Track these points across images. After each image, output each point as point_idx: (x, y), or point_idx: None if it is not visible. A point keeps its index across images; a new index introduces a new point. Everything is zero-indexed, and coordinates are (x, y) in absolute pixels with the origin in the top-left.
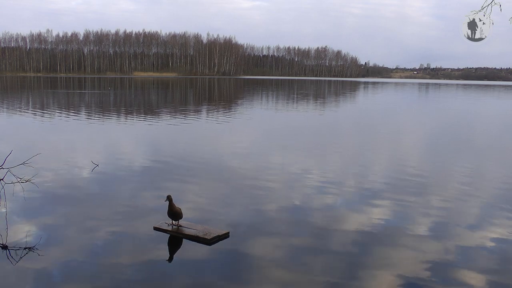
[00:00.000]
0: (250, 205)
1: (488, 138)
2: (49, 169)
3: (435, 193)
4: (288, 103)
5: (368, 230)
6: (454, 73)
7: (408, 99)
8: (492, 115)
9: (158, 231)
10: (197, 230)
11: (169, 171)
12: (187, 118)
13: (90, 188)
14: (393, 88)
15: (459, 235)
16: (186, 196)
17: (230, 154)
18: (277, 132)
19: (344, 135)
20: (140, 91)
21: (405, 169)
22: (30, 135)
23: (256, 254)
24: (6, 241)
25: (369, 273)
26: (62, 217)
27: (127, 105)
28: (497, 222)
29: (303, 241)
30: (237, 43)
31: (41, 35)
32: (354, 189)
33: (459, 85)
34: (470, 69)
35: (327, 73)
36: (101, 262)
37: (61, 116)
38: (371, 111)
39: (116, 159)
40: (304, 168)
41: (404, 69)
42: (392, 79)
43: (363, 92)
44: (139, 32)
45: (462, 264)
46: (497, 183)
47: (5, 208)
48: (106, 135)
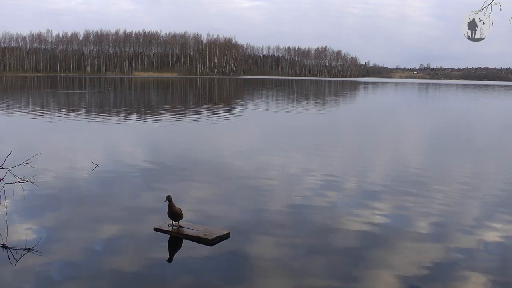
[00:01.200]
0: (250, 205)
1: (488, 138)
2: (49, 169)
3: (436, 193)
4: (288, 103)
5: (369, 230)
6: (454, 73)
7: (408, 99)
8: (492, 115)
9: (158, 232)
10: (198, 231)
11: (169, 171)
12: (187, 118)
13: (90, 188)
14: (393, 88)
15: (460, 236)
16: (186, 196)
17: (230, 154)
18: (277, 132)
19: (345, 135)
20: (140, 91)
21: (405, 169)
22: (30, 135)
23: (258, 254)
24: (6, 241)
25: (371, 274)
26: (62, 217)
27: (127, 105)
28: (498, 223)
29: (304, 241)
30: (237, 43)
31: (41, 35)
32: (355, 189)
33: (459, 85)
34: (470, 69)
35: (327, 73)
36: (101, 263)
37: (61, 116)
38: (371, 111)
39: (116, 159)
40: (304, 168)
41: (404, 69)
42: (392, 79)
43: (363, 92)
44: (139, 32)
45: (463, 265)
46: (497, 183)
47: (5, 208)
48: (106, 135)
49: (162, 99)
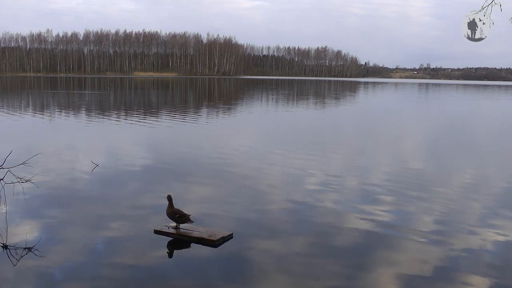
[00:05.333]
0: (251, 206)
1: (490, 138)
2: (49, 169)
3: (437, 193)
4: (288, 104)
5: (371, 231)
6: (454, 73)
7: (408, 99)
8: (492, 115)
9: (160, 235)
10: (201, 232)
11: (169, 171)
12: (187, 118)
13: (90, 188)
14: (393, 89)
15: (462, 236)
16: (186, 197)
17: (230, 154)
18: (277, 132)
19: (345, 135)
20: (140, 91)
21: (406, 170)
22: (30, 135)
23: (262, 255)
24: (6, 241)
25: (373, 275)
26: (62, 217)
27: (127, 105)
28: (501, 223)
29: (307, 241)
30: (237, 43)
31: (41, 35)
32: (356, 190)
33: (459, 85)
34: (470, 69)
35: (327, 73)
36: (101, 263)
37: (61, 116)
38: (371, 111)
39: (116, 159)
40: (305, 168)
41: (404, 69)
42: (392, 79)
43: (363, 92)
44: (139, 32)
45: (464, 265)
46: (501, 183)
47: (5, 208)
48: (106, 135)
49: (162, 99)
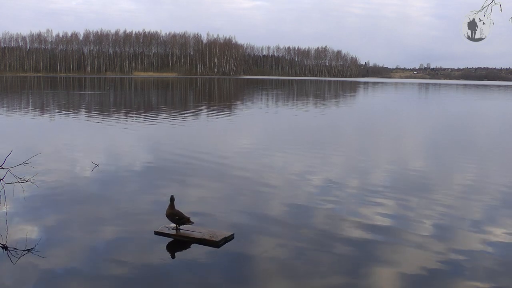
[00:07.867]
0: (251, 206)
1: (490, 138)
2: (49, 169)
3: (438, 194)
4: (289, 104)
5: (372, 231)
6: (454, 73)
7: (408, 99)
8: (492, 115)
9: (160, 235)
10: (202, 233)
11: (169, 171)
12: (188, 118)
13: (90, 188)
14: (393, 89)
15: (462, 236)
16: (186, 197)
17: (231, 154)
18: (278, 132)
19: (345, 135)
20: (140, 91)
21: (406, 170)
22: (30, 135)
23: (264, 255)
24: (6, 241)
25: (374, 275)
26: (63, 218)
27: (127, 105)
28: (502, 223)
29: (308, 241)
30: (237, 43)
31: (41, 35)
32: (357, 190)
33: (459, 85)
34: (470, 69)
35: (327, 73)
36: (102, 263)
37: (61, 116)
38: (371, 111)
39: (116, 159)
40: (306, 168)
41: (404, 69)
42: (392, 79)
43: (363, 92)
44: (139, 32)
45: (465, 265)
46: (501, 183)
47: (5, 208)
48: (106, 135)
49: (162, 99)
